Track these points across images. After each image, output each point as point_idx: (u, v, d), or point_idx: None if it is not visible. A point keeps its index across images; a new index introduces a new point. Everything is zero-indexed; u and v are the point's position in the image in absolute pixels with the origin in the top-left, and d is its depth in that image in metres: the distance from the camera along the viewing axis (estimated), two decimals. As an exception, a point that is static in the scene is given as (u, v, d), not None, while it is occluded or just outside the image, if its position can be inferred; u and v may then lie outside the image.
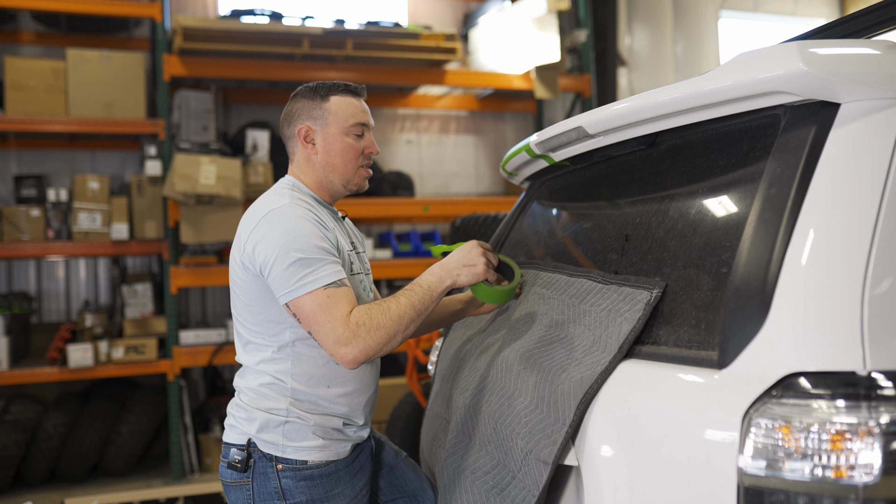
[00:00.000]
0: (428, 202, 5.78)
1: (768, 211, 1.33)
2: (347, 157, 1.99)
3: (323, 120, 1.98)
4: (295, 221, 1.83)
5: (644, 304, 1.54)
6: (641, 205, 1.82)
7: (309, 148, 1.99)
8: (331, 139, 1.98)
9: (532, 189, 2.54)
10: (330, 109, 1.98)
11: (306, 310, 1.77)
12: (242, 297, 1.91)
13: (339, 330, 1.73)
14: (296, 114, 2.01)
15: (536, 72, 5.88)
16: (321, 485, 1.90)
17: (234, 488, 1.92)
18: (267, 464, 1.88)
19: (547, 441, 1.57)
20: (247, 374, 1.96)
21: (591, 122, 1.85)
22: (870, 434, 1.11)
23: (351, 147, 1.99)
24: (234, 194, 4.89)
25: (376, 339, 1.74)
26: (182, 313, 5.79)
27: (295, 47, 5.23)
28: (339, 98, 2.00)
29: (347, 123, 1.99)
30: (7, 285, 5.52)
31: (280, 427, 1.88)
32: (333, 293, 1.77)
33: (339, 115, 1.98)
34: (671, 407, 1.35)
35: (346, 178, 2.01)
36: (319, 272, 1.78)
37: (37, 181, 5.28)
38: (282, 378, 1.89)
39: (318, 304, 1.76)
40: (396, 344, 1.79)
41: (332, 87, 2.01)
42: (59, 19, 5.41)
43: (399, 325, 1.77)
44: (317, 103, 1.99)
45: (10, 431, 4.85)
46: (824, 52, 1.34)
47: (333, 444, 1.93)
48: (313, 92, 2.01)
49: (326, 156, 1.98)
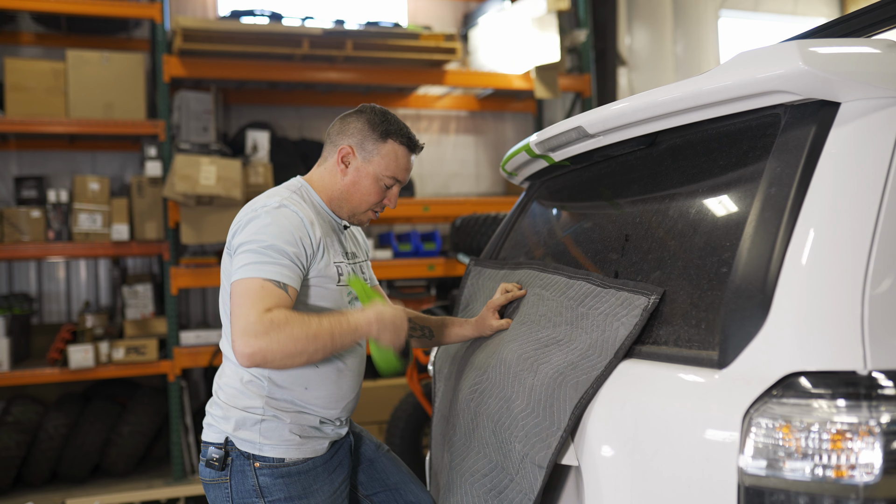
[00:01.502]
0: (428, 202, 5.78)
1: (768, 210, 1.33)
2: (368, 199, 2.01)
3: (369, 155, 1.99)
4: (272, 219, 1.83)
5: (642, 309, 1.54)
6: (641, 205, 1.82)
7: (340, 168, 2.00)
8: (363, 176, 1.99)
9: (532, 189, 2.53)
10: (381, 151, 1.98)
11: (236, 292, 1.74)
12: (228, 288, 1.92)
13: (251, 319, 1.68)
14: (350, 131, 2.01)
15: (536, 72, 5.87)
16: (299, 482, 1.90)
17: (213, 487, 1.92)
18: (244, 462, 1.88)
19: (542, 445, 1.57)
20: (226, 370, 1.97)
21: (590, 122, 1.85)
22: (870, 434, 1.11)
23: (375, 193, 2.00)
24: (234, 195, 4.89)
25: (281, 347, 1.67)
26: (182, 314, 5.79)
27: (295, 48, 5.23)
28: (396, 146, 1.99)
29: (387, 173, 1.99)
30: (8, 286, 5.52)
31: (256, 425, 1.89)
32: (268, 288, 1.73)
33: (385, 161, 1.98)
34: (671, 407, 1.34)
35: (352, 212, 2.03)
36: (268, 266, 1.76)
37: (37, 182, 5.28)
38: (259, 376, 1.90)
39: (248, 290, 1.73)
40: (297, 364, 1.72)
41: (399, 131, 2.00)
42: (59, 20, 5.41)
43: (310, 345, 1.70)
44: (375, 136, 1.99)
45: (11, 432, 4.85)
46: (824, 51, 1.34)
47: (310, 441, 1.94)
48: (379, 122, 1.99)
49: (351, 187, 2.00)
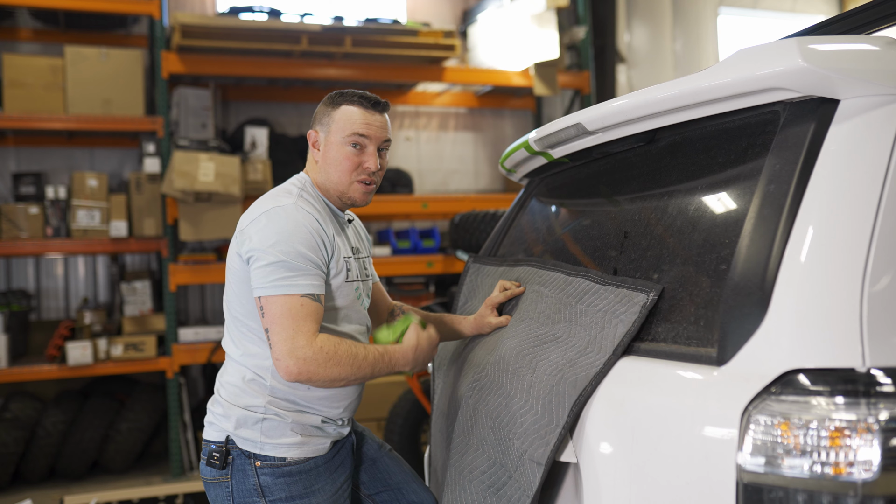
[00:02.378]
0: (427, 199, 5.78)
1: (767, 208, 1.33)
2: (342, 167, 1.95)
3: (327, 126, 1.99)
4: (293, 224, 1.83)
5: (640, 306, 1.53)
6: (640, 201, 1.81)
7: (315, 153, 2.02)
8: (329, 147, 1.98)
9: (531, 186, 2.53)
10: (335, 117, 1.98)
11: (275, 310, 1.78)
12: (235, 286, 1.92)
13: (300, 343, 1.75)
14: (315, 117, 2.04)
15: (535, 68, 5.87)
16: (300, 481, 1.90)
17: (214, 485, 1.92)
18: (245, 461, 1.88)
19: (540, 442, 1.57)
20: (228, 367, 1.97)
21: (589, 119, 1.85)
22: (869, 431, 1.11)
23: (347, 158, 1.95)
24: (232, 191, 4.88)
25: (326, 372, 1.77)
26: (181, 311, 5.79)
27: (293, 44, 5.22)
28: (347, 107, 1.97)
29: (345, 132, 1.95)
30: (6, 283, 5.51)
31: (258, 424, 1.88)
32: (307, 304, 1.79)
33: (339, 123, 1.96)
34: (670, 404, 1.34)
35: (340, 190, 1.98)
36: (299, 279, 1.80)
37: (35, 179, 5.27)
38: (262, 374, 1.89)
39: (289, 308, 1.78)
40: (335, 386, 1.82)
41: (345, 95, 2.00)
42: (57, 16, 5.40)
43: (352, 374, 1.80)
44: (328, 109, 2.00)
45: (10, 429, 4.85)
46: (823, 48, 1.34)
47: (312, 440, 1.93)
48: (332, 98, 2.02)
49: (325, 164, 1.99)
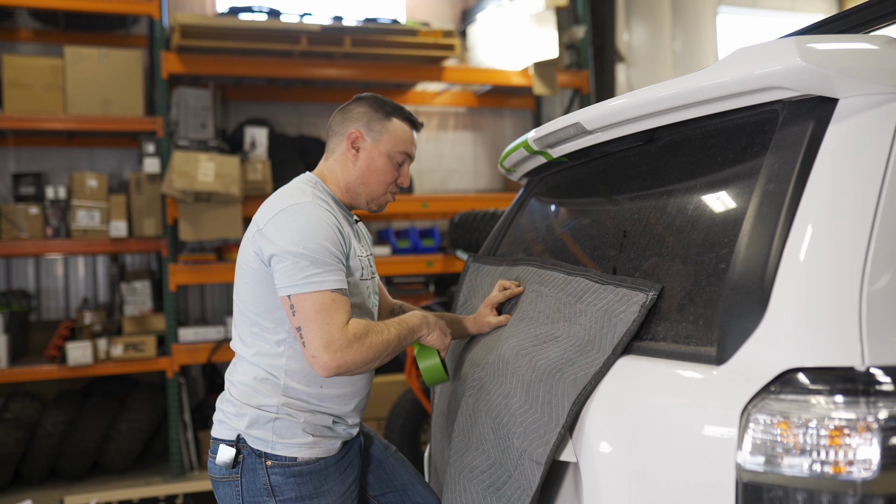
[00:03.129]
0: (426, 199, 5.78)
1: (766, 206, 1.33)
2: (383, 179, 2.03)
3: (377, 135, 2.01)
4: (314, 220, 1.84)
5: (639, 306, 1.53)
6: (639, 201, 1.82)
7: (351, 153, 2.02)
8: (376, 156, 2.01)
9: (530, 185, 2.53)
10: (388, 129, 2.02)
11: (307, 308, 1.78)
12: (251, 285, 1.91)
13: (334, 334, 1.76)
14: (354, 116, 2.03)
15: (535, 68, 5.87)
16: (311, 481, 1.90)
17: (223, 484, 1.92)
18: (256, 460, 1.88)
19: (540, 441, 1.57)
20: (239, 366, 1.96)
21: (589, 119, 1.85)
22: (868, 430, 1.11)
23: (390, 171, 2.03)
24: (232, 191, 4.88)
25: (362, 356, 1.79)
26: (181, 311, 5.79)
27: (293, 44, 5.22)
28: (401, 123, 2.04)
29: (397, 149, 2.03)
30: (6, 283, 5.51)
31: (270, 423, 1.88)
32: (337, 299, 1.80)
33: (393, 137, 2.02)
34: (670, 403, 1.34)
35: (371, 197, 2.04)
36: (328, 275, 1.80)
37: (35, 179, 5.28)
38: (275, 374, 1.89)
39: (321, 304, 1.78)
40: (371, 368, 1.85)
41: (399, 109, 2.05)
42: (56, 17, 5.40)
43: (384, 350, 1.83)
44: (379, 117, 2.02)
45: (10, 429, 4.85)
46: (822, 47, 1.34)
47: (323, 441, 1.93)
48: (380, 105, 2.04)
49: (366, 170, 2.01)
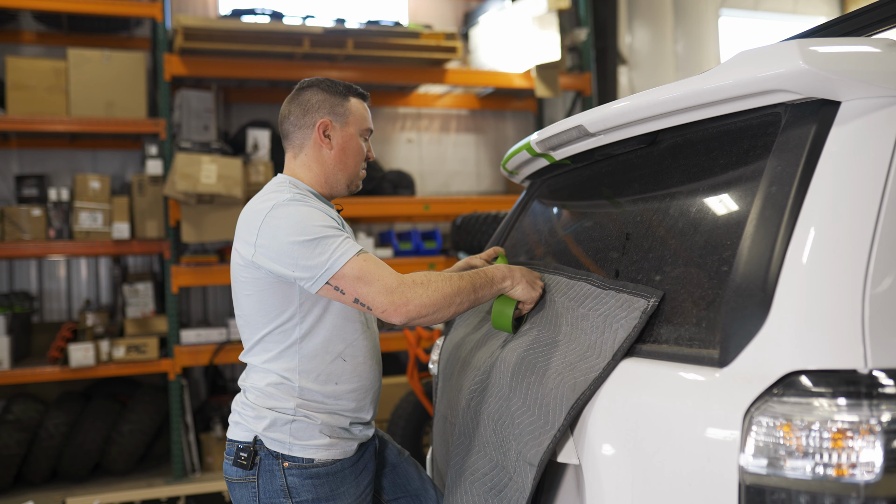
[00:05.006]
0: (429, 201, 5.78)
1: (769, 209, 1.33)
2: (358, 158, 2.05)
3: (343, 118, 2.01)
4: (303, 209, 1.84)
5: (641, 312, 1.53)
6: (642, 203, 1.82)
7: (325, 143, 2.00)
8: (348, 139, 2.02)
9: (533, 188, 2.53)
10: (350, 109, 2.02)
11: (350, 277, 1.76)
12: (251, 296, 1.89)
13: (388, 281, 1.74)
14: (315, 106, 2.00)
15: (537, 70, 5.87)
16: (327, 483, 1.90)
17: (240, 485, 1.91)
18: (273, 461, 1.88)
19: (534, 443, 1.57)
20: (253, 372, 1.96)
21: (591, 121, 1.85)
22: (871, 432, 1.11)
23: (361, 150, 2.05)
24: (235, 193, 4.89)
25: (429, 298, 1.74)
26: (183, 312, 5.79)
27: (296, 46, 5.23)
28: (357, 101, 2.05)
29: (363, 126, 2.05)
30: (8, 285, 5.52)
31: (287, 425, 1.88)
32: (368, 258, 1.79)
33: (357, 117, 2.03)
34: (672, 405, 1.34)
35: (350, 178, 2.05)
36: (344, 246, 1.79)
37: (38, 181, 5.29)
38: (289, 377, 1.89)
39: (357, 269, 1.76)
40: (447, 315, 1.78)
41: (349, 87, 2.05)
42: (60, 19, 5.41)
43: (456, 296, 1.77)
44: (339, 100, 2.01)
45: (12, 431, 4.86)
46: (825, 50, 1.34)
47: (340, 442, 1.93)
48: (334, 88, 2.02)
49: (341, 154, 2.01)
